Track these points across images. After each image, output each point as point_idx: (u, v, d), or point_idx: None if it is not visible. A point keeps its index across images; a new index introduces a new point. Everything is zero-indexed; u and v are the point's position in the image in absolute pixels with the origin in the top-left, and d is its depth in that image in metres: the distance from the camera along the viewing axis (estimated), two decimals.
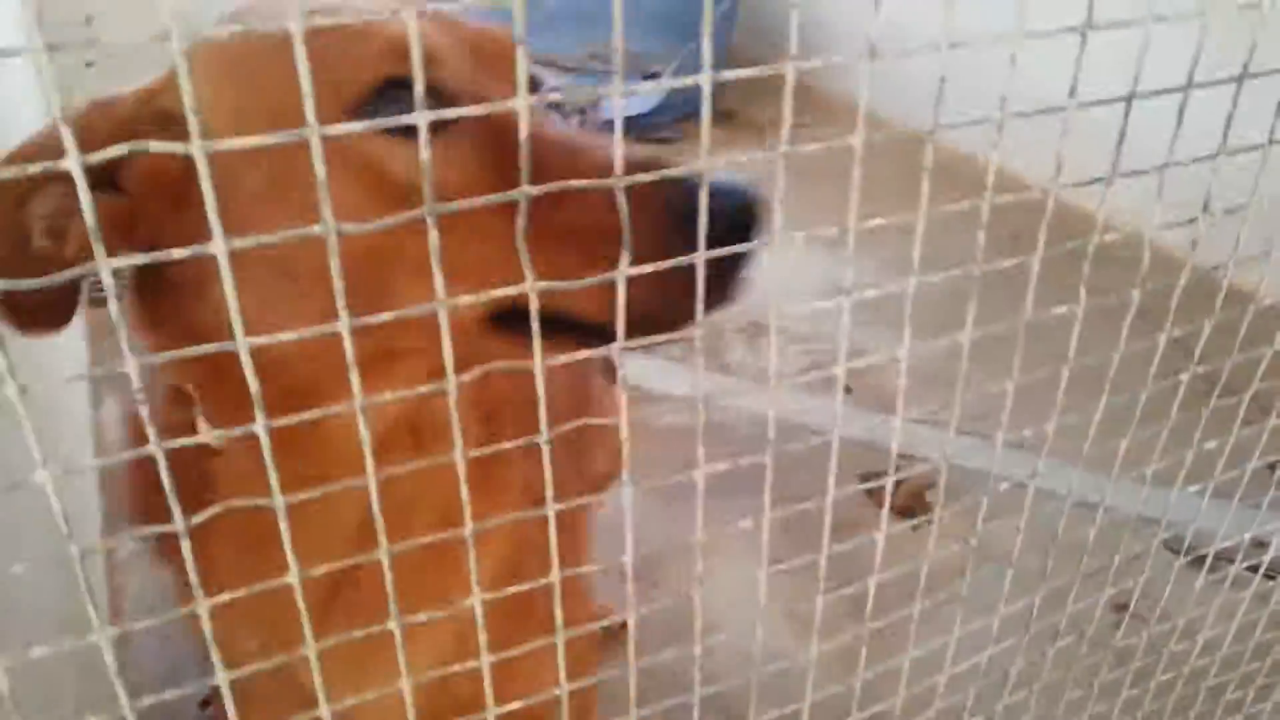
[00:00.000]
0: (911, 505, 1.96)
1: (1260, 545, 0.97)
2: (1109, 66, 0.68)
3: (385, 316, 0.38)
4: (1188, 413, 0.74)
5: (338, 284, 0.36)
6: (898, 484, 2.01)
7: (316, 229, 0.35)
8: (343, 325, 0.37)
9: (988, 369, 0.63)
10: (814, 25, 3.92)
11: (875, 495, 2.02)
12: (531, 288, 0.41)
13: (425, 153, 0.35)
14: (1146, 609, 0.85)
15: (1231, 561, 0.92)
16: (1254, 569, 0.96)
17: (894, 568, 0.68)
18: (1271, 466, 1.16)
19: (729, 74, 0.40)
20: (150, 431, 0.36)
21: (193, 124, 0.31)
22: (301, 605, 0.44)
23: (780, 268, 2.58)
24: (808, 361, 2.49)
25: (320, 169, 0.34)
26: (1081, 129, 0.55)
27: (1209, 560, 0.86)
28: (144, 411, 0.35)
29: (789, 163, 0.43)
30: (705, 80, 0.39)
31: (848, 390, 2.43)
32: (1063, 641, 0.80)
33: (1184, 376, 0.71)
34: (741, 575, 1.67)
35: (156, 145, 0.33)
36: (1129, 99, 0.53)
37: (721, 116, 3.82)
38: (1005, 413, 0.62)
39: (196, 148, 0.31)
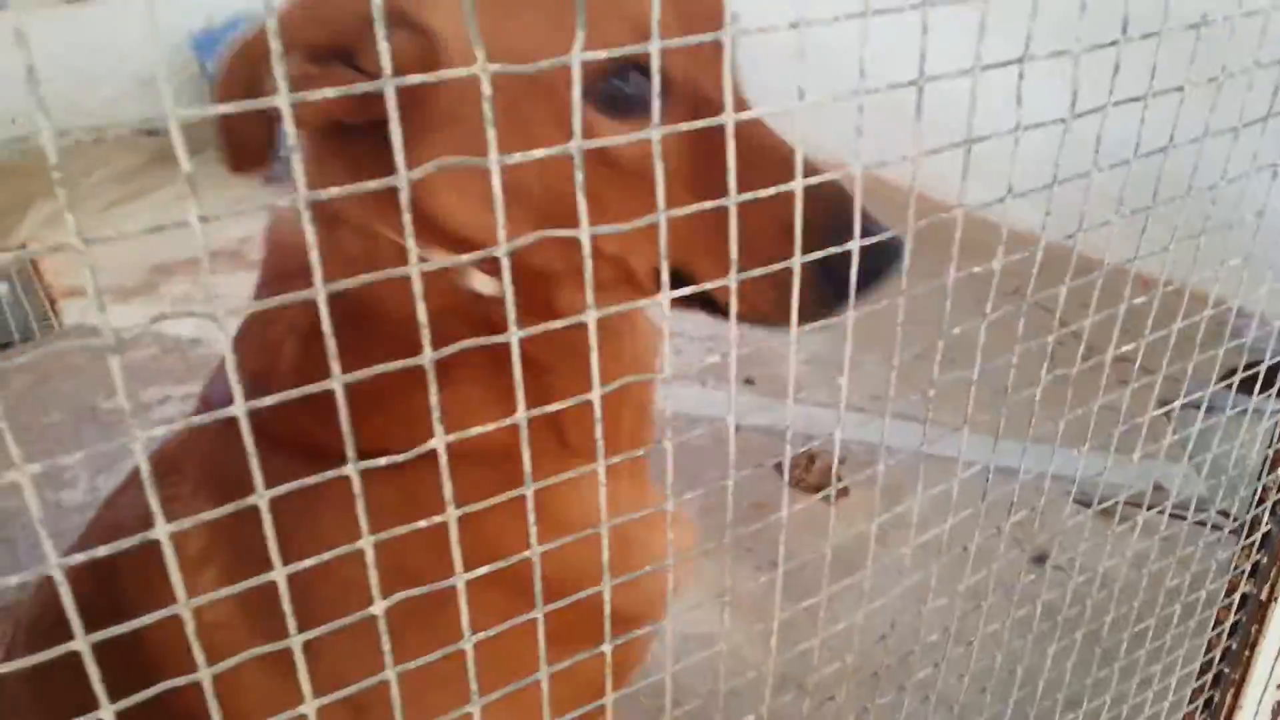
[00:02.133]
0: (823, 482, 2.02)
1: (1160, 489, 1.02)
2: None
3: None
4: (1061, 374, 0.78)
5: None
6: (809, 462, 2.06)
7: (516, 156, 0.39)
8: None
9: (880, 351, 0.66)
10: None
11: (792, 476, 2.06)
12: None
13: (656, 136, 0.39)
14: (1066, 562, 0.89)
15: (1138, 506, 0.97)
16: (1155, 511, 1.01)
17: (813, 543, 0.70)
18: (1168, 415, 1.22)
19: None
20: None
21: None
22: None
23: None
24: (712, 358, 2.53)
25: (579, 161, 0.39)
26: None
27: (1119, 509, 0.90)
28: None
29: None
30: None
31: (749, 382, 2.48)
32: (990, 600, 0.83)
33: (1051, 339, 0.74)
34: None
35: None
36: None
37: None
38: (891, 386, 0.65)
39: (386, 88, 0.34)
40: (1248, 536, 1.02)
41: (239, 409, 0.30)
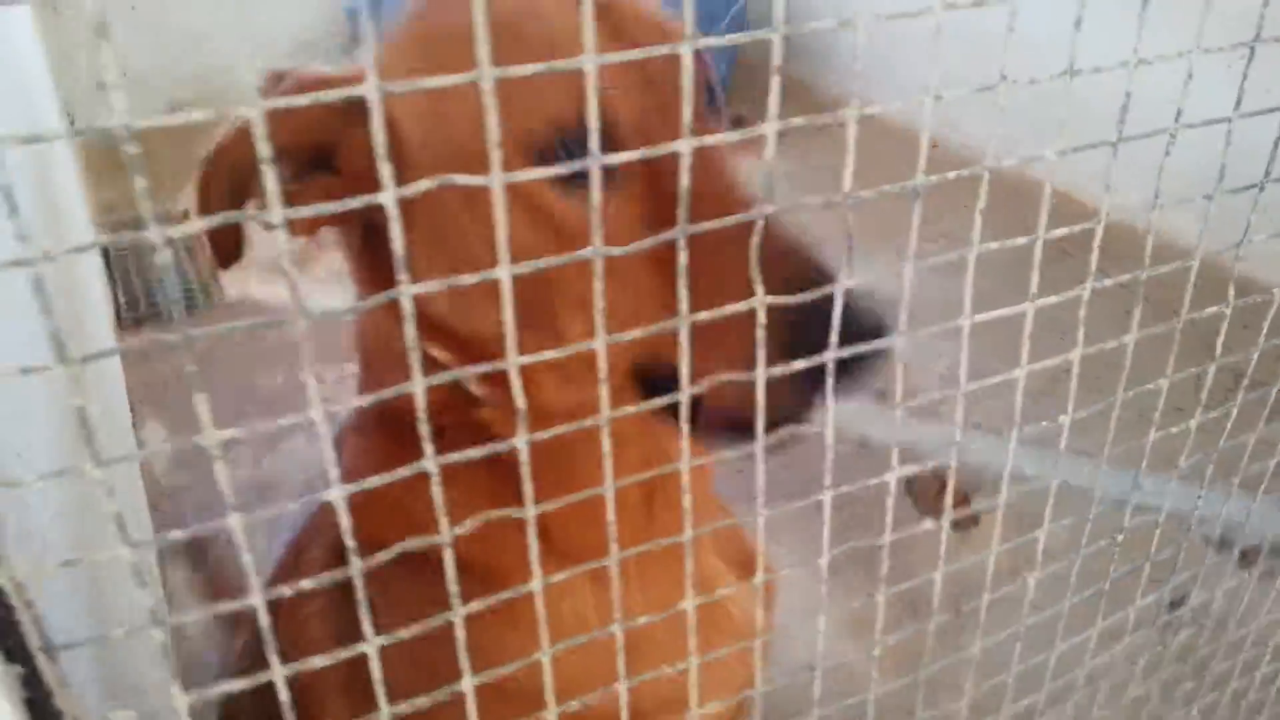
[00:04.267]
0: (956, 508, 1.98)
1: None
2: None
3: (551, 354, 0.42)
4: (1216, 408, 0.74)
5: (508, 316, 0.38)
6: (940, 487, 2.02)
7: (497, 272, 0.38)
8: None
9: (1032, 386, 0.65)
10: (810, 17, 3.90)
11: (920, 501, 2.03)
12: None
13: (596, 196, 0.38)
14: (1200, 606, 0.86)
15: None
16: None
17: (946, 569, 0.70)
18: None
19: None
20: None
21: (382, 162, 0.34)
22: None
23: None
24: None
25: (500, 213, 0.37)
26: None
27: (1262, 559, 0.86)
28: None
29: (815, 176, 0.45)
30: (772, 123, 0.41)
31: (882, 395, 2.44)
32: (1123, 641, 0.81)
33: (1210, 369, 0.71)
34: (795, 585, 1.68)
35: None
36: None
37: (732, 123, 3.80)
38: (1017, 408, 0.64)
39: (386, 198, 0.34)
40: None
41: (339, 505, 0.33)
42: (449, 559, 0.37)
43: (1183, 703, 0.93)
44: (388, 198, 0.33)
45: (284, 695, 0.34)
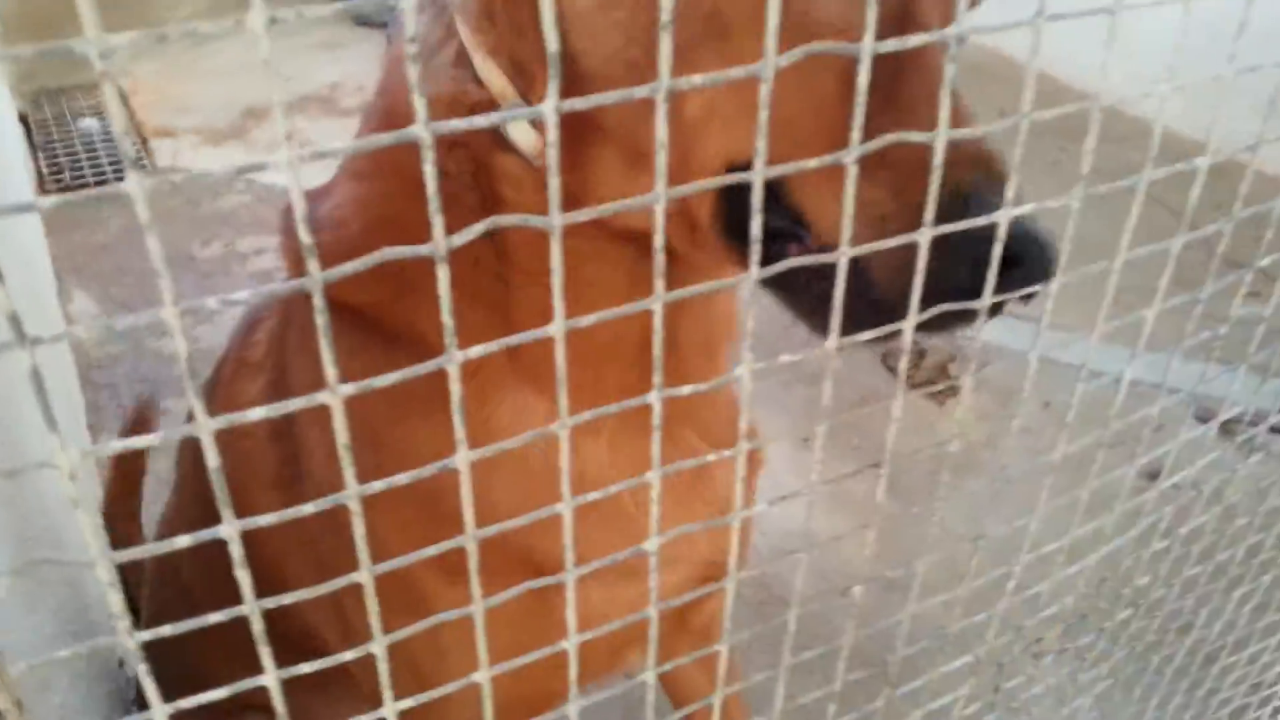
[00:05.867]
0: (933, 379, 1.99)
1: None
2: None
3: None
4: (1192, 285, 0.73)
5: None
6: (919, 358, 2.03)
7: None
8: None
9: None
10: None
11: (896, 370, 2.04)
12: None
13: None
14: (1180, 478, 0.86)
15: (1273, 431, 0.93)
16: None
17: (920, 442, 0.69)
18: None
19: None
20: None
21: None
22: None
23: None
24: None
25: None
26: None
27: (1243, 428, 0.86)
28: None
29: None
30: None
31: None
32: (1098, 517, 0.82)
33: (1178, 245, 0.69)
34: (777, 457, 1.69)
35: None
36: None
37: None
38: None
39: None
40: None
41: (314, 282, 0.29)
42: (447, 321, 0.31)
43: (1166, 575, 0.94)
44: None
45: (213, 460, 0.30)
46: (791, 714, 0.57)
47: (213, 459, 0.29)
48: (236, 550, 0.31)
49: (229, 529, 0.31)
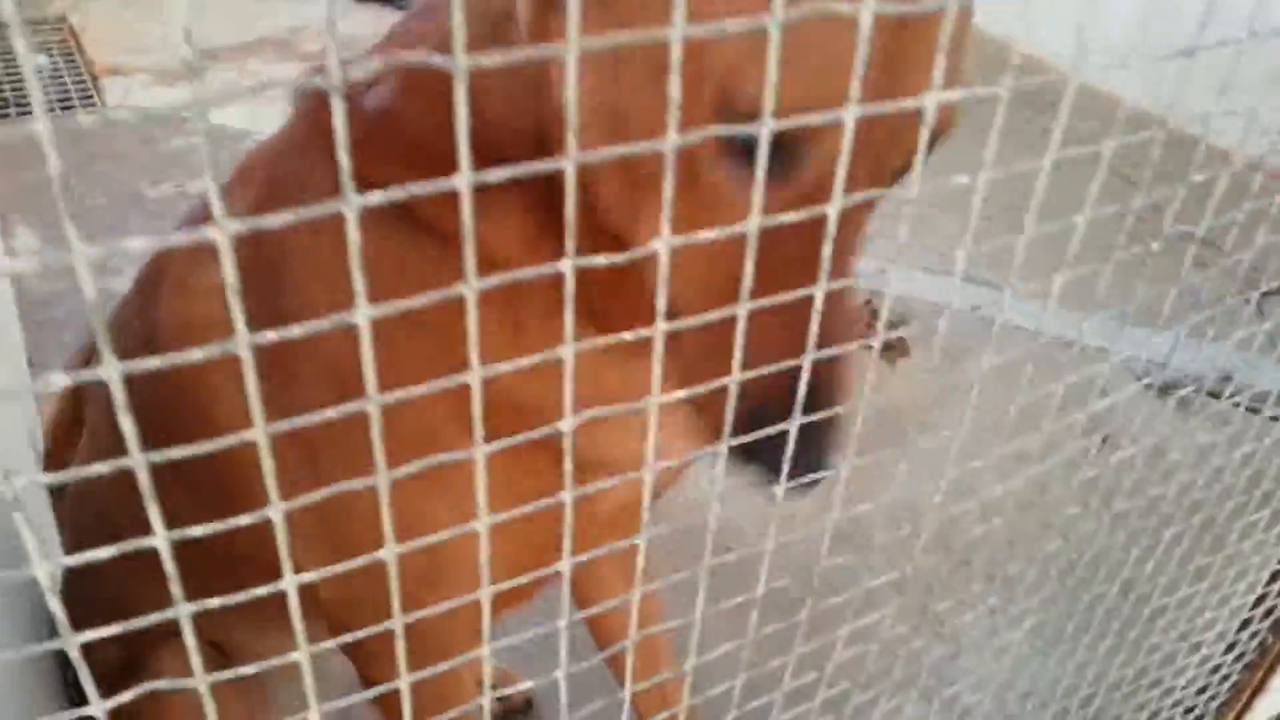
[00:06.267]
0: (885, 340, 2.01)
1: (1228, 379, 1.00)
2: None
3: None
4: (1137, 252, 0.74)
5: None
6: (871, 318, 2.05)
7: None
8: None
9: (957, 210, 0.63)
10: None
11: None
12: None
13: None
14: (1127, 440, 0.88)
15: (1212, 396, 0.95)
16: (1216, 396, 0.99)
17: (871, 401, 0.69)
18: (1248, 300, 1.18)
19: None
20: None
21: None
22: None
23: None
24: None
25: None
26: None
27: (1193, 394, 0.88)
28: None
29: None
30: None
31: None
32: (1045, 466, 0.83)
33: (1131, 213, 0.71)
34: None
35: None
36: None
37: None
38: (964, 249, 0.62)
39: None
40: None
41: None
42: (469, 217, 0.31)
43: (1096, 508, 0.96)
44: None
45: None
46: (711, 619, 0.58)
47: (119, 395, 0.29)
48: (144, 479, 0.31)
49: (138, 458, 0.30)
